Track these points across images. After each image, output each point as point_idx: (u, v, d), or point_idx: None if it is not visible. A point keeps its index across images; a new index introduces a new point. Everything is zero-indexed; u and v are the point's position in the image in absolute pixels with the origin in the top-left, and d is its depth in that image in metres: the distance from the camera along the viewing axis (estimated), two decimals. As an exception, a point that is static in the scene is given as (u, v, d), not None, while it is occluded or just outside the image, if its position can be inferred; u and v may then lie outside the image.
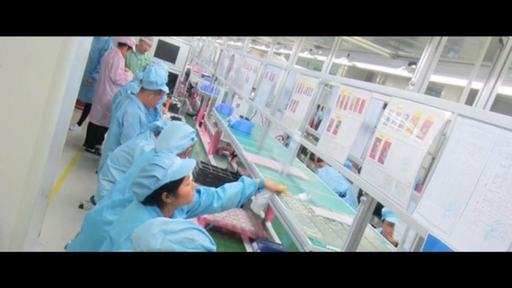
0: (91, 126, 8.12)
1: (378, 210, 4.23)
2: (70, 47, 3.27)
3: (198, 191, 3.17)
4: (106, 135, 6.72)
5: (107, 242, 2.63)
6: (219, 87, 8.82)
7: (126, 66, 8.39)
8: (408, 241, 2.44)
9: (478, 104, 2.22)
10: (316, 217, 3.04)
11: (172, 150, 3.40)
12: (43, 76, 3.53)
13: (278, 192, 3.38)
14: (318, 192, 3.91)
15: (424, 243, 1.77)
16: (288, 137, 8.37)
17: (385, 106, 2.55)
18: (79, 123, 9.24)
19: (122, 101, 5.35)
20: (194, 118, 9.71)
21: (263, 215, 4.81)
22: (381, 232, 4.67)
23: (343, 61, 9.99)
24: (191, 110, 10.90)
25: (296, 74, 4.58)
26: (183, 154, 3.64)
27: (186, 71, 12.64)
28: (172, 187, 2.66)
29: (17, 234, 3.81)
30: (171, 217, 2.76)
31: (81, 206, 6.09)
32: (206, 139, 7.65)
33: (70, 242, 3.65)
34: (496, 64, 2.27)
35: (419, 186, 3.25)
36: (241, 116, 6.44)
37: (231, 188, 3.32)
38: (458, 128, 1.84)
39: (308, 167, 5.52)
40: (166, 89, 5.36)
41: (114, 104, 6.02)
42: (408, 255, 2.02)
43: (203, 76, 12.96)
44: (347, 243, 2.43)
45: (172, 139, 3.59)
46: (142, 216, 2.54)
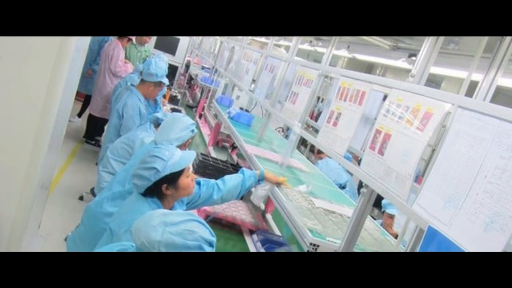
0: (91, 117, 8.12)
1: (378, 202, 4.23)
2: (70, 39, 3.27)
3: (198, 183, 3.17)
4: (106, 127, 6.72)
5: (107, 234, 2.63)
6: (219, 79, 8.80)
7: (126, 58, 8.36)
8: (408, 233, 2.43)
9: (478, 96, 2.21)
10: (316, 209, 3.04)
11: (172, 142, 3.41)
12: (43, 68, 3.53)
13: (278, 184, 3.39)
14: (318, 184, 3.91)
15: (424, 235, 1.77)
16: (288, 129, 8.36)
17: (385, 98, 2.54)
18: (79, 115, 9.23)
19: (122, 92, 5.35)
20: (194, 110, 9.70)
21: (263, 207, 4.82)
22: (381, 224, 4.67)
23: (343, 52, 9.98)
24: (191, 102, 10.89)
25: (296, 65, 4.57)
26: (183, 146, 3.64)
27: (186, 63, 12.62)
28: (172, 179, 2.66)
29: (17, 226, 3.82)
30: (171, 209, 2.76)
31: (81, 198, 6.09)
32: (206, 131, 7.65)
33: (70, 234, 3.65)
34: (496, 56, 2.27)
35: (419, 178, 3.25)
36: (241, 108, 6.43)
37: (231, 180, 3.32)
38: (458, 120, 1.84)
39: (308, 159, 5.51)
40: (166, 81, 5.36)
41: (114, 96, 6.02)
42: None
43: (203, 68, 12.94)
44: (347, 235, 2.43)
45: (172, 131, 3.59)
46: (142, 208, 2.55)
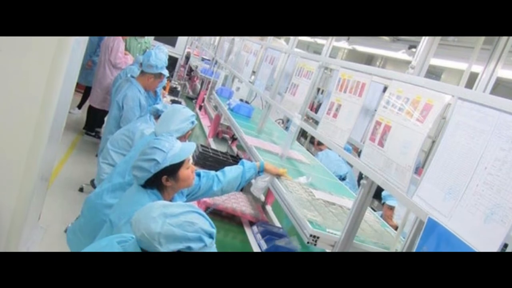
0: (91, 109, 8.12)
1: (378, 194, 4.23)
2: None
3: (198, 175, 3.17)
4: (106, 119, 6.72)
5: (107, 226, 2.63)
6: (219, 70, 8.80)
7: (126, 49, 8.35)
8: (408, 224, 2.43)
9: (478, 88, 2.20)
10: (316, 200, 3.04)
11: (172, 134, 3.40)
12: (43, 59, 3.52)
13: (278, 176, 3.38)
14: (318, 175, 3.91)
15: (424, 227, 1.77)
16: (288, 120, 8.36)
17: (385, 89, 2.54)
18: (79, 107, 9.23)
19: (122, 84, 5.35)
20: (194, 101, 9.70)
21: (263, 198, 4.82)
22: (381, 216, 4.68)
23: (343, 44, 9.99)
24: (191, 93, 10.89)
25: (296, 57, 4.57)
26: (183, 138, 3.63)
27: (186, 55, 12.62)
28: (172, 170, 2.66)
29: (17, 217, 3.82)
30: (171, 200, 2.76)
31: (81, 190, 6.10)
32: (206, 123, 7.65)
33: (70, 226, 3.66)
34: (496, 47, 2.26)
35: (419, 170, 3.25)
36: (241, 100, 6.42)
37: (231, 172, 3.32)
38: (458, 112, 1.83)
39: (308, 150, 5.51)
40: (166, 72, 5.35)
41: (114, 88, 6.02)
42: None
43: (203, 59, 12.93)
44: (347, 226, 2.43)
45: (172, 123, 3.59)
46: (142, 200, 2.54)
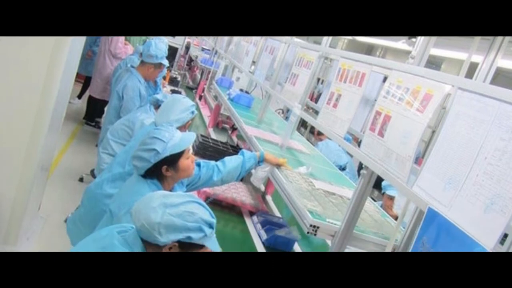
0: (91, 99, 8.12)
1: (378, 184, 4.23)
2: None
3: (198, 165, 3.17)
4: (106, 109, 6.72)
5: (107, 216, 2.64)
6: (219, 60, 8.79)
7: (126, 39, 8.34)
8: (408, 214, 2.44)
9: (478, 78, 2.20)
10: (316, 190, 3.04)
11: (172, 124, 3.40)
12: (43, 49, 3.52)
13: (278, 166, 3.39)
14: (318, 165, 3.91)
15: (424, 217, 1.77)
16: (288, 110, 8.37)
17: (385, 79, 2.54)
18: (79, 97, 9.23)
19: (122, 74, 5.34)
20: (194, 91, 9.69)
21: (263, 188, 4.82)
22: (381, 206, 4.68)
23: (344, 34, 9.94)
24: (191, 83, 10.87)
25: (296, 47, 4.56)
26: (183, 128, 3.63)
27: (186, 45, 12.58)
28: (172, 160, 2.66)
29: (17, 207, 3.83)
30: (171, 190, 2.76)
31: (81, 180, 6.11)
32: (206, 113, 7.64)
33: (70, 215, 3.66)
34: (496, 37, 2.25)
35: (419, 160, 3.25)
36: (241, 90, 6.42)
37: (231, 162, 3.32)
38: (458, 102, 1.83)
39: (308, 140, 5.52)
40: (166, 62, 5.35)
41: (114, 78, 6.01)
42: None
43: (203, 49, 12.92)
44: (347, 216, 2.44)
45: (172, 113, 3.59)
46: (142, 190, 2.55)
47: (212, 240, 1.98)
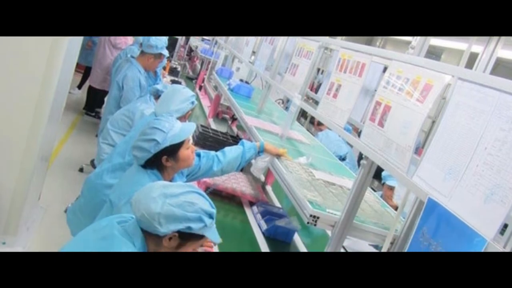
0: (91, 89, 8.12)
1: (378, 174, 4.24)
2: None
3: (198, 155, 3.16)
4: (106, 99, 6.72)
5: (107, 206, 2.64)
6: (219, 50, 8.79)
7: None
8: (408, 204, 2.44)
9: (478, 68, 2.19)
10: (316, 180, 3.05)
11: (172, 114, 3.40)
12: (43, 39, 3.51)
13: (278, 156, 3.38)
14: (318, 155, 3.91)
15: (424, 207, 1.77)
16: (288, 100, 8.36)
17: (385, 69, 2.53)
18: (79, 87, 9.23)
19: (122, 64, 5.34)
20: (194, 81, 9.69)
21: (263, 178, 4.83)
22: (381, 196, 4.69)
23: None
24: (191, 73, 10.88)
25: (296, 37, 4.55)
26: (183, 118, 3.63)
27: (186, 35, 12.57)
28: (172, 150, 2.65)
29: (17, 197, 3.84)
30: (171, 180, 2.76)
31: (81, 170, 6.12)
32: (206, 103, 7.64)
33: (70, 206, 3.67)
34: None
35: (419, 150, 3.25)
36: (241, 80, 6.41)
37: (231, 152, 3.32)
38: (458, 92, 1.83)
39: (308, 130, 5.52)
40: (166, 52, 5.34)
41: (114, 68, 6.02)
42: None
43: (203, 39, 12.89)
44: (347, 206, 2.44)
45: (172, 103, 3.59)
46: (142, 180, 2.55)
47: (212, 230, 1.99)
